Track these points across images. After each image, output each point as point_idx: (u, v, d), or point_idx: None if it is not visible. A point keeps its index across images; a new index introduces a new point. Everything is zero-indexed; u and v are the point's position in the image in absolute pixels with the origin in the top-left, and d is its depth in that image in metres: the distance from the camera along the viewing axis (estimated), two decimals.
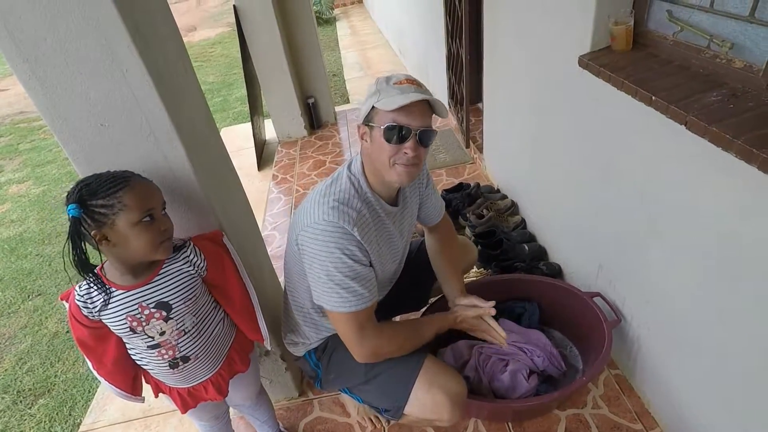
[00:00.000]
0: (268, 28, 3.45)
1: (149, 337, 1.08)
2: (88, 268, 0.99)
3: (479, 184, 2.70)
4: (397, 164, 1.12)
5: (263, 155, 3.97)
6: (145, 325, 1.06)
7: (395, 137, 1.08)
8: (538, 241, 2.29)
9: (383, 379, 1.28)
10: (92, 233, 0.95)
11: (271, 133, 4.22)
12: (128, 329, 1.05)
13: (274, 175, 3.62)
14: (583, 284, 1.83)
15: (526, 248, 2.18)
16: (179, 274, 1.09)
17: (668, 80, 1.22)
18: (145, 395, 1.24)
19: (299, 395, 1.79)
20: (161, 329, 1.08)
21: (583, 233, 1.80)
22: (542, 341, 1.62)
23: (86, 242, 0.98)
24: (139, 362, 1.17)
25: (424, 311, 1.68)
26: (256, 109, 3.92)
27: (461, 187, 2.72)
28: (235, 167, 1.55)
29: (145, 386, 1.24)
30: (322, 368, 1.39)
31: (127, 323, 1.04)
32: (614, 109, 1.40)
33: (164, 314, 1.06)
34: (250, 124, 3.82)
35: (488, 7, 2.39)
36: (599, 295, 1.65)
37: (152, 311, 1.05)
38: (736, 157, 0.95)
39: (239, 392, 1.37)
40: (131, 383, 1.19)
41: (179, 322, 1.09)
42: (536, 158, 2.14)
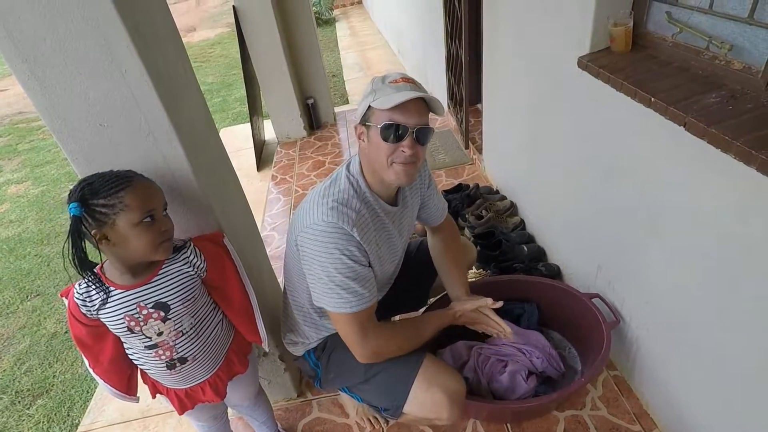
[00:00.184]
0: (267, 28, 3.45)
1: (147, 337, 1.07)
2: (87, 266, 0.99)
3: (478, 185, 2.70)
4: (395, 163, 1.12)
5: (262, 156, 3.97)
6: (143, 325, 1.05)
7: (392, 136, 1.08)
8: (537, 242, 2.29)
9: (382, 378, 1.28)
10: (93, 232, 0.95)
11: (270, 133, 4.22)
12: (126, 329, 1.05)
13: (273, 175, 3.62)
14: (582, 285, 1.83)
15: (525, 249, 2.18)
16: (179, 274, 1.09)
17: (667, 81, 1.22)
18: (139, 395, 1.24)
19: (298, 396, 1.79)
20: (159, 330, 1.07)
21: (582, 234, 1.80)
22: (541, 342, 1.62)
23: (86, 241, 0.98)
24: (136, 362, 1.16)
25: (423, 311, 1.68)
26: (255, 109, 3.92)
27: (460, 187, 2.73)
28: (234, 168, 1.55)
29: (142, 387, 1.24)
30: (321, 368, 1.39)
31: (125, 323, 1.04)
32: (613, 110, 1.40)
33: (162, 315, 1.06)
34: (249, 124, 3.82)
35: (488, 7, 2.39)
36: (598, 296, 1.65)
37: (150, 311, 1.05)
38: (735, 158, 0.96)
39: (238, 393, 1.36)
40: (126, 383, 1.18)
41: (177, 323, 1.09)
42: (535, 159, 2.15)
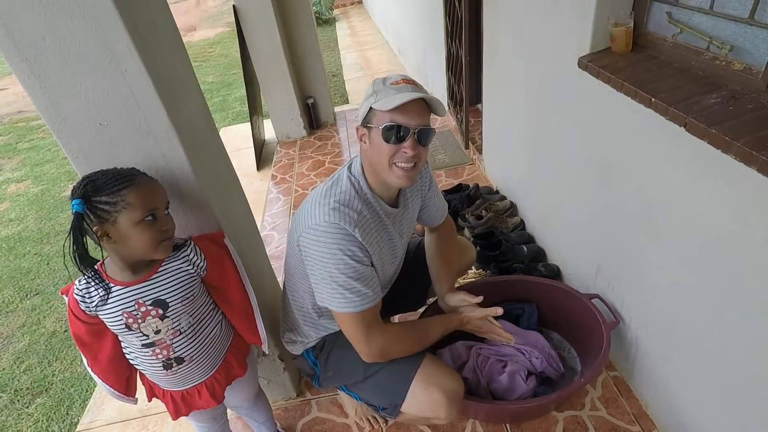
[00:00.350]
0: (267, 28, 3.45)
1: (144, 335, 1.07)
2: (87, 263, 1.00)
3: (478, 185, 2.70)
4: (396, 165, 1.11)
5: (262, 155, 3.97)
6: (140, 322, 1.05)
7: (393, 137, 1.08)
8: (536, 242, 2.29)
9: (381, 376, 1.28)
10: (94, 229, 0.95)
11: (270, 133, 4.22)
12: (124, 326, 1.05)
13: (273, 175, 3.62)
14: (581, 285, 1.83)
15: (524, 249, 2.18)
16: (178, 272, 1.09)
17: (668, 82, 1.22)
18: (138, 397, 1.23)
19: (297, 395, 1.79)
20: (157, 327, 1.07)
21: (582, 235, 1.80)
22: (541, 342, 1.62)
23: (87, 238, 0.98)
24: (133, 362, 1.16)
25: (423, 311, 1.68)
26: (255, 109, 3.92)
27: (460, 188, 2.73)
28: (234, 167, 1.55)
29: (140, 388, 1.23)
30: (320, 366, 1.39)
31: (123, 320, 1.04)
32: (614, 110, 1.40)
33: (160, 312, 1.06)
34: (249, 124, 3.82)
35: (488, 7, 2.39)
36: (598, 296, 1.65)
37: (149, 308, 1.05)
38: (735, 159, 0.96)
39: (237, 394, 1.36)
40: (125, 383, 1.18)
41: (175, 321, 1.09)
42: (535, 159, 2.15)
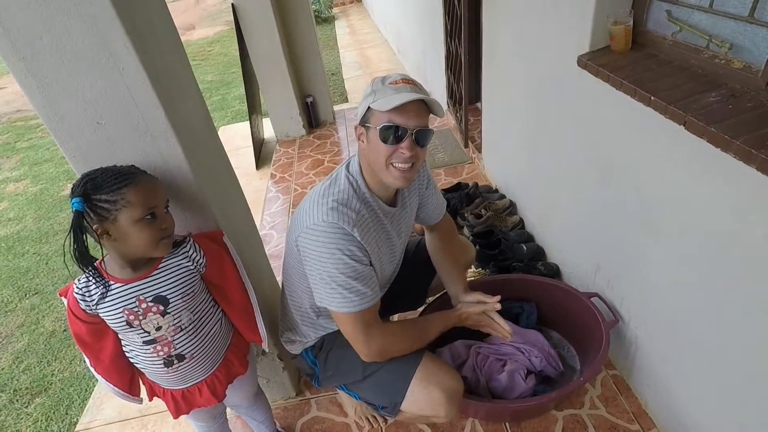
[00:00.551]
0: (266, 26, 3.45)
1: (145, 332, 1.07)
2: (87, 261, 1.00)
3: (477, 183, 2.70)
4: (393, 165, 1.11)
5: (261, 154, 3.97)
6: (141, 318, 1.06)
7: (391, 137, 1.07)
8: (536, 241, 2.29)
9: (380, 375, 1.27)
10: (94, 227, 0.96)
11: (269, 131, 4.22)
12: (125, 323, 1.05)
13: (272, 173, 3.61)
14: (581, 284, 1.83)
15: (524, 248, 2.18)
16: (178, 268, 1.09)
17: (667, 80, 1.22)
18: (143, 397, 1.23)
19: (296, 395, 1.79)
20: (158, 324, 1.07)
21: (581, 233, 1.79)
22: (540, 341, 1.62)
23: (88, 236, 0.98)
24: (133, 360, 1.16)
25: (422, 311, 1.68)
26: (254, 107, 3.91)
27: (459, 186, 2.72)
28: (233, 166, 1.55)
29: (143, 387, 1.23)
30: (319, 366, 1.39)
31: (123, 316, 1.04)
32: (613, 109, 1.40)
33: (161, 308, 1.06)
34: (248, 123, 3.81)
35: (487, 6, 2.39)
36: (597, 295, 1.65)
37: (149, 305, 1.05)
38: (734, 157, 0.95)
39: (237, 393, 1.36)
40: (128, 382, 1.18)
41: (176, 317, 1.09)
42: (534, 158, 2.14)
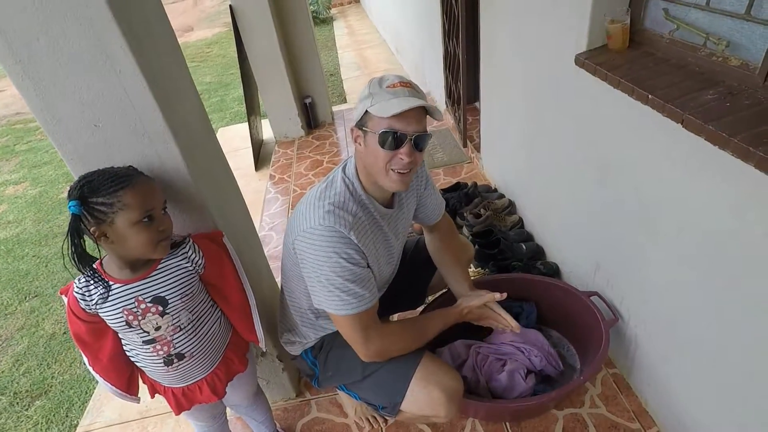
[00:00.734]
0: (264, 28, 3.44)
1: (145, 332, 1.08)
2: (86, 263, 1.00)
3: (476, 183, 2.69)
4: (392, 170, 1.11)
5: (260, 155, 3.97)
6: (140, 319, 1.06)
7: (390, 143, 1.07)
8: (535, 240, 2.28)
9: (380, 375, 1.27)
10: (91, 230, 0.96)
11: (268, 133, 4.22)
12: (124, 323, 1.05)
13: (271, 175, 3.61)
14: (580, 283, 1.83)
15: (523, 247, 2.18)
16: (177, 269, 1.09)
17: (664, 79, 1.22)
18: (140, 396, 1.23)
19: (296, 396, 1.79)
20: (157, 324, 1.08)
21: (580, 232, 1.79)
22: (540, 341, 1.62)
23: (86, 237, 0.99)
24: (133, 359, 1.16)
25: (422, 310, 1.68)
26: (253, 109, 3.91)
27: (458, 186, 2.72)
28: (231, 167, 1.55)
29: (142, 387, 1.23)
30: (319, 366, 1.39)
31: (123, 317, 1.04)
32: (611, 107, 1.40)
33: (160, 309, 1.07)
34: (247, 124, 3.81)
35: (485, 6, 2.38)
36: (597, 294, 1.65)
37: (148, 305, 1.05)
38: (732, 155, 0.95)
39: (236, 392, 1.36)
40: (126, 381, 1.18)
41: (175, 317, 1.09)
42: (533, 157, 2.14)
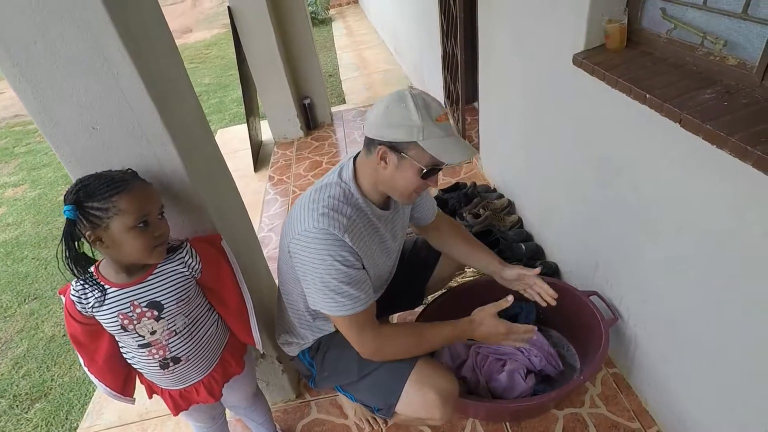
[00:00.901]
0: (263, 29, 3.44)
1: (140, 336, 1.08)
2: (81, 268, 1.00)
3: (475, 183, 2.69)
4: (414, 192, 1.16)
5: (259, 156, 3.97)
6: (136, 323, 1.06)
7: (430, 176, 1.13)
8: (534, 240, 2.28)
9: (376, 377, 1.27)
10: (87, 234, 0.96)
11: (267, 134, 4.21)
12: (119, 327, 1.05)
13: (270, 176, 3.61)
14: (580, 283, 1.83)
15: (522, 247, 2.18)
16: (173, 274, 1.09)
17: (662, 78, 1.22)
18: (136, 397, 1.23)
19: (296, 397, 1.79)
20: (152, 328, 1.07)
21: (579, 232, 1.79)
22: (539, 341, 1.62)
23: (82, 240, 0.98)
24: (130, 361, 1.16)
25: (422, 311, 1.68)
26: (252, 110, 3.91)
27: (458, 186, 2.72)
28: (230, 168, 1.55)
29: (140, 388, 1.23)
30: (316, 367, 1.39)
31: (118, 321, 1.04)
32: (609, 107, 1.40)
33: (156, 314, 1.06)
34: (246, 125, 3.81)
35: (483, 6, 2.38)
36: (596, 293, 1.65)
37: (144, 310, 1.05)
38: (730, 154, 0.95)
39: (235, 393, 1.36)
40: (122, 383, 1.18)
41: (170, 322, 1.09)
42: (532, 157, 2.14)
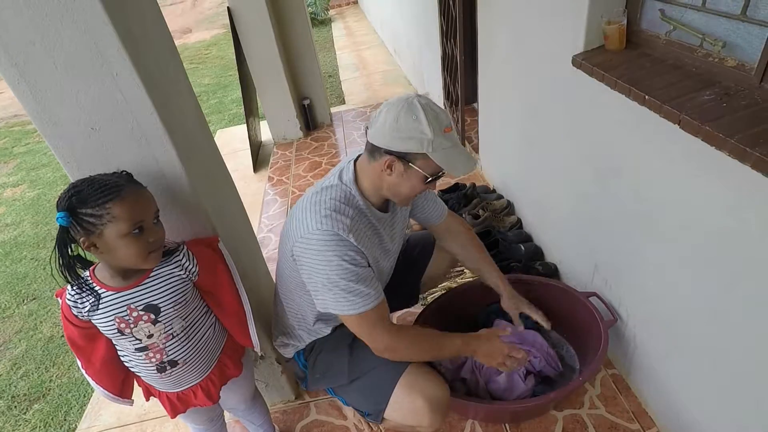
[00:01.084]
0: (262, 29, 3.44)
1: (137, 339, 1.07)
2: (75, 275, 1.00)
3: (475, 184, 2.69)
4: (414, 197, 1.20)
5: (259, 157, 3.96)
6: (132, 327, 1.05)
7: (433, 182, 1.16)
8: (534, 240, 2.28)
9: (365, 380, 1.27)
10: (80, 240, 0.95)
11: (266, 134, 4.21)
12: (116, 331, 1.05)
13: (269, 176, 3.61)
14: (579, 284, 1.83)
15: (522, 248, 2.18)
16: (170, 277, 1.08)
17: (661, 79, 1.22)
18: (134, 399, 1.23)
19: (295, 398, 1.79)
20: (149, 332, 1.07)
21: (579, 233, 1.79)
22: (538, 342, 1.61)
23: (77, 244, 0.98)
24: (127, 364, 1.16)
25: (421, 311, 1.68)
26: (251, 110, 3.91)
27: (457, 187, 2.72)
28: (230, 169, 1.55)
29: (137, 390, 1.23)
30: (308, 368, 1.39)
31: (115, 324, 1.04)
32: (608, 108, 1.40)
33: (152, 317, 1.06)
34: (245, 125, 3.80)
35: (482, 7, 2.39)
36: (595, 294, 1.65)
37: (140, 313, 1.05)
38: (729, 156, 0.95)
39: (233, 396, 1.36)
40: (119, 385, 1.18)
41: (167, 325, 1.09)
42: (531, 158, 2.14)
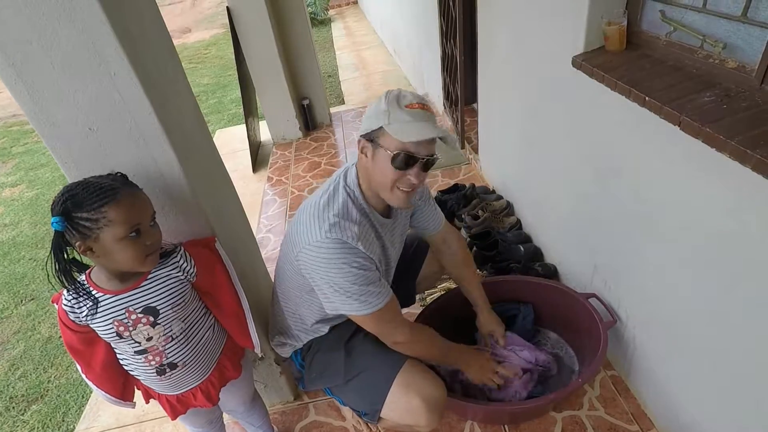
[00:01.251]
0: (262, 29, 3.44)
1: (136, 342, 1.06)
2: (72, 280, 0.99)
3: (474, 185, 2.69)
4: (397, 188, 1.13)
5: (258, 157, 3.96)
6: (131, 330, 1.04)
7: (401, 164, 1.09)
8: (533, 241, 2.28)
9: (362, 380, 1.27)
10: (76, 244, 0.94)
11: (266, 134, 4.20)
12: (115, 334, 1.04)
13: (269, 176, 3.60)
14: (578, 285, 1.82)
15: (521, 249, 2.17)
16: (168, 279, 1.07)
17: (662, 80, 1.22)
18: (136, 401, 1.23)
19: (294, 399, 1.78)
20: (148, 335, 1.06)
21: (578, 234, 1.79)
22: (521, 341, 1.60)
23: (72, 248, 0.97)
24: (127, 368, 1.15)
25: (421, 312, 1.68)
26: (250, 110, 3.90)
27: (456, 188, 2.72)
28: (229, 169, 1.54)
29: (137, 392, 1.22)
30: (305, 368, 1.39)
31: (113, 328, 1.03)
32: (608, 109, 1.39)
33: (151, 319, 1.05)
34: (244, 125, 3.80)
35: (482, 7, 2.38)
36: (595, 295, 1.64)
37: (139, 316, 1.04)
38: (729, 157, 0.95)
39: (233, 397, 1.35)
40: (120, 388, 1.17)
41: (167, 327, 1.08)
42: (531, 159, 2.14)
